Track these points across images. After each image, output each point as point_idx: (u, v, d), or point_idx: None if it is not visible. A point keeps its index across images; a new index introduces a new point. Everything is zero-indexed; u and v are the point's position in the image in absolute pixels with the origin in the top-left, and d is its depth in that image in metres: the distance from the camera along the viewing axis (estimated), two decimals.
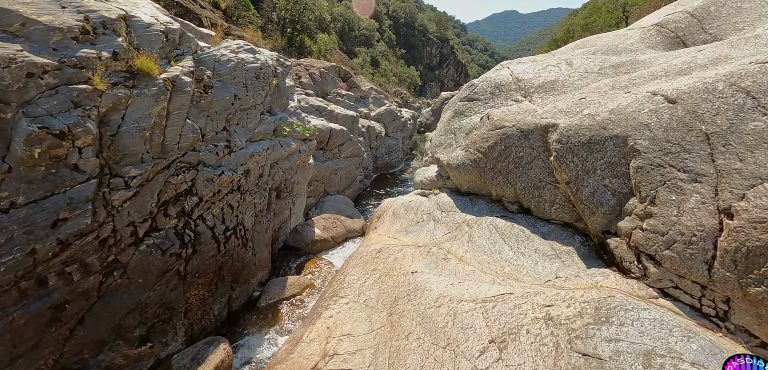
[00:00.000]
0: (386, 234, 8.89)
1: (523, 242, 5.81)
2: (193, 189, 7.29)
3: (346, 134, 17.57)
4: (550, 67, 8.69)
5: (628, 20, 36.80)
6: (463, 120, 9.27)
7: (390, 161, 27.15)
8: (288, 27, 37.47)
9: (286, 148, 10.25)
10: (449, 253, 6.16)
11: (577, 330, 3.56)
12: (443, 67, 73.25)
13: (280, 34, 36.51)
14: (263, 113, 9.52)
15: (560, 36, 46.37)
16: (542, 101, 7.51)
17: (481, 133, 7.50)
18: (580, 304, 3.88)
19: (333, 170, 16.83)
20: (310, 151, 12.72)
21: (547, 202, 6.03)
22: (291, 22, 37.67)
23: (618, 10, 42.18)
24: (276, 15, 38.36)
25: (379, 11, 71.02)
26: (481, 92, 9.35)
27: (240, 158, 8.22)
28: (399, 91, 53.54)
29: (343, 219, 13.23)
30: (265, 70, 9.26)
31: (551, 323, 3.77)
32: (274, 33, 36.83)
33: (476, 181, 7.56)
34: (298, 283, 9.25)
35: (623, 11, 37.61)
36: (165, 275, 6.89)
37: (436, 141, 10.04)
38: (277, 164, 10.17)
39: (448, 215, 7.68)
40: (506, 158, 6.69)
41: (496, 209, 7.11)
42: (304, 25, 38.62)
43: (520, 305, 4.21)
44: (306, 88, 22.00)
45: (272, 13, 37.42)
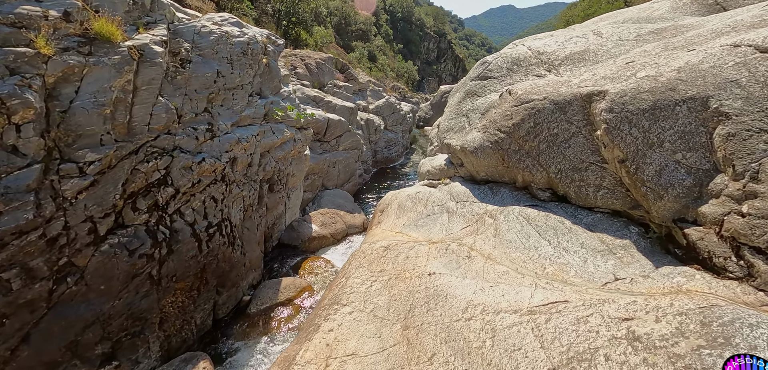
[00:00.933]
0: (392, 229, 7.81)
1: (564, 236, 4.74)
2: (167, 178, 6.18)
3: (345, 125, 16.45)
4: (574, 38, 7.61)
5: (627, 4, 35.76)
6: (476, 100, 8.18)
7: (390, 155, 26.05)
8: (283, 19, 36.21)
9: (278, 136, 9.13)
10: (473, 250, 5.08)
11: (686, 358, 2.52)
12: (441, 61, 72.02)
13: (274, 27, 35.23)
14: (252, 95, 8.40)
15: (559, 28, 45.31)
16: (574, 72, 6.44)
17: (503, 110, 6.42)
18: (673, 317, 2.83)
19: (331, 163, 15.72)
20: (306, 141, 11.61)
21: (590, 186, 4.96)
22: (286, 14, 36.40)
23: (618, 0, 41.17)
24: (271, 7, 37.05)
25: (377, 6, 69.65)
26: (496, 69, 8.26)
27: (224, 144, 7.09)
28: (397, 86, 52.39)
29: (343, 214, 12.14)
30: (253, 47, 8.13)
31: (640, 346, 2.72)
32: (269, 25, 35.54)
33: (497, 166, 6.49)
34: (293, 285, 8.17)
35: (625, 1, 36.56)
36: (134, 280, 5.78)
37: (445, 126, 8.95)
38: (269, 153, 9.06)
39: (465, 205, 6.60)
40: (536, 137, 5.62)
41: (523, 198, 6.04)
42: (300, 18, 37.36)
43: (584, 318, 3.16)
44: (302, 79, 20.85)
45: (267, 4, 36.12)
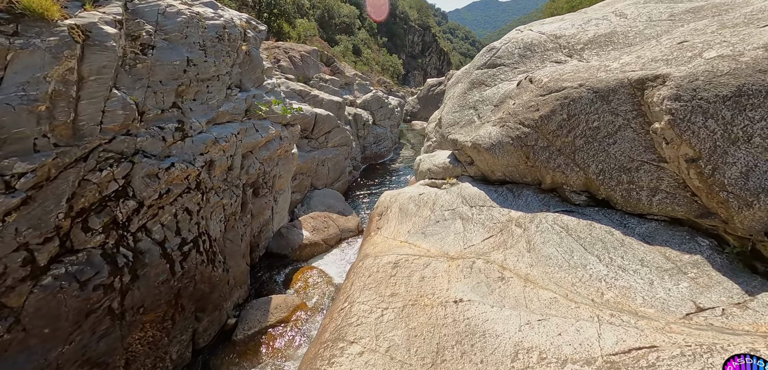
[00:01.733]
0: (395, 237, 6.87)
1: (617, 250, 3.90)
2: (128, 189, 5.05)
3: (333, 120, 15.37)
4: (593, 21, 6.78)
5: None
6: (485, 90, 7.27)
7: (379, 151, 25.06)
8: (265, 10, 34.53)
9: (263, 134, 8.03)
10: (504, 269, 4.19)
11: None
12: (426, 55, 71.06)
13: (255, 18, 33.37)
14: (231, 88, 7.27)
15: None
16: (603, 57, 5.59)
17: (525, 101, 5.53)
18: None
19: (320, 161, 14.64)
20: (294, 138, 10.52)
21: (643, 190, 4.13)
22: (268, 5, 34.73)
23: None
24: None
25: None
26: (507, 56, 7.38)
27: (198, 145, 5.98)
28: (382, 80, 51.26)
29: (335, 217, 11.13)
30: (230, 31, 7.00)
31: None
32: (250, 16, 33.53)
33: (519, 165, 5.61)
34: (285, 304, 7.14)
35: None
36: (89, 317, 4.66)
37: (449, 119, 8.03)
38: (252, 154, 7.95)
39: (482, 211, 5.70)
40: (570, 132, 4.75)
41: (553, 202, 5.19)
42: (282, 10, 35.73)
43: None
44: (286, 72, 19.58)
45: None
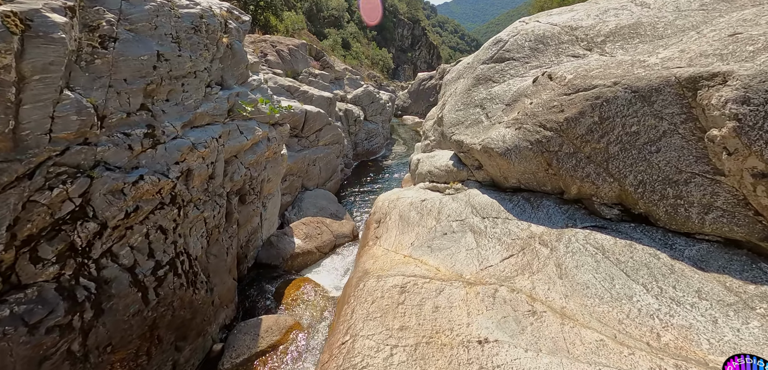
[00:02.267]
0: (397, 250, 6.21)
1: (667, 278, 3.30)
2: (87, 210, 4.25)
3: (324, 117, 14.56)
4: (612, 10, 6.17)
5: None
6: (493, 87, 6.62)
7: (371, 147, 24.33)
8: (250, 3, 33.25)
9: (248, 136, 7.24)
10: (534, 299, 3.56)
11: None
12: (415, 49, 70.13)
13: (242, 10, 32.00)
14: (210, 86, 6.45)
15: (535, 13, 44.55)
16: (630, 50, 4.98)
17: (545, 100, 4.89)
18: None
19: (311, 161, 13.85)
20: (283, 138, 9.73)
21: (693, 206, 3.53)
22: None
23: None
24: None
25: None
26: (516, 49, 6.73)
27: (173, 153, 5.18)
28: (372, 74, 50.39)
29: (329, 222, 10.39)
30: (209, 21, 6.17)
31: None
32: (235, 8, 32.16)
33: (538, 171, 4.98)
34: (277, 325, 6.42)
35: None
36: (42, 366, 3.88)
37: (452, 118, 7.37)
38: (237, 159, 7.16)
39: (497, 224, 5.07)
40: (604, 137, 4.13)
41: (579, 215, 4.58)
42: (269, 2, 34.47)
43: None
44: (273, 67, 18.64)
45: None
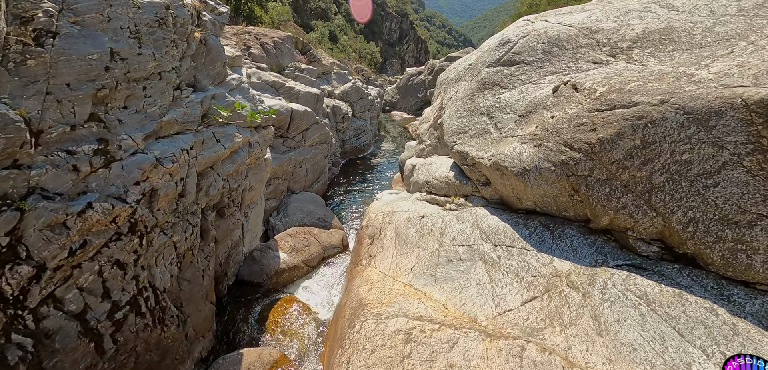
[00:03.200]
0: (395, 276, 5.48)
1: (729, 341, 2.66)
2: (18, 250, 3.35)
3: (311, 116, 13.64)
4: (633, 12, 5.51)
5: None
6: (501, 94, 5.90)
7: (359, 145, 23.49)
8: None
9: (226, 144, 6.34)
10: (572, 365, 2.88)
11: None
12: (403, 43, 68.91)
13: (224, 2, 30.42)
14: (180, 88, 5.52)
15: (523, 10, 43.99)
16: (664, 60, 4.32)
17: (571, 115, 4.19)
18: None
19: (297, 163, 12.95)
20: (267, 142, 8.82)
21: (758, 252, 2.90)
22: None
23: None
24: None
25: None
26: (527, 52, 6.01)
27: (132, 172, 4.28)
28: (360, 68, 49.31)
29: (317, 232, 9.57)
30: (177, 13, 5.22)
31: None
32: None
33: (560, 196, 4.30)
34: (260, 361, 5.59)
35: None
36: None
37: (454, 126, 6.63)
38: (213, 170, 6.26)
39: (512, 254, 4.37)
40: (646, 164, 3.46)
41: (608, 248, 3.92)
42: None
43: None
44: (257, 61, 17.55)
45: None
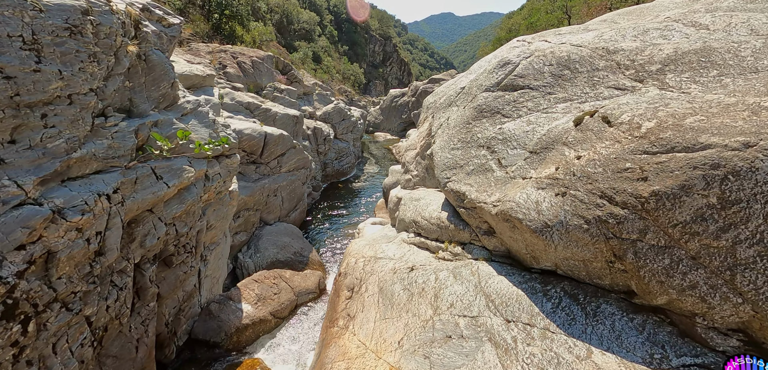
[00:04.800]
0: (378, 351, 4.31)
1: None
2: None
3: (288, 141, 12.42)
4: (653, 31, 4.65)
5: (570, 20, 35.89)
6: (504, 123, 4.89)
7: (341, 167, 22.34)
8: (215, 11, 30.53)
9: (172, 181, 5.06)
10: None
11: None
12: (387, 65, 68.80)
13: (204, 20, 29.44)
14: (105, 114, 4.27)
15: (503, 35, 44.56)
16: (711, 87, 3.38)
17: (607, 156, 3.17)
18: None
19: (271, 191, 11.64)
20: (231, 172, 7.55)
21: None
22: (218, 5, 30.74)
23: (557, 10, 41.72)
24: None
25: (320, 5, 64.54)
26: (533, 75, 5.06)
27: (13, 231, 2.95)
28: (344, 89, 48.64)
29: (289, 276, 8.24)
30: (101, 21, 4.01)
31: None
32: (197, 17, 29.73)
33: (594, 261, 3.23)
34: None
35: (566, 11, 36.59)
36: None
37: (446, 159, 5.58)
38: (154, 213, 4.96)
39: (532, 337, 3.25)
40: (727, 230, 2.43)
41: (662, 335, 2.84)
42: (235, 11, 31.88)
43: None
44: (233, 81, 16.32)
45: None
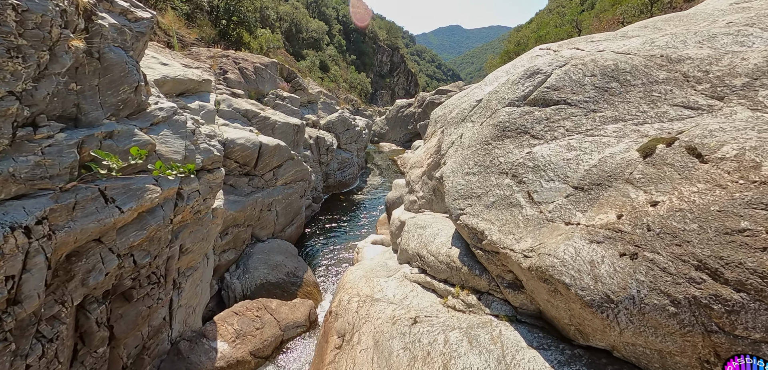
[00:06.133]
0: None
1: None
2: None
3: (285, 152, 11.51)
4: (720, 35, 3.67)
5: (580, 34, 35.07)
6: (536, 147, 3.90)
7: (343, 178, 21.41)
8: (222, 17, 30.05)
9: (127, 204, 4.13)
10: None
11: None
12: (394, 75, 68.20)
13: (211, 25, 28.93)
14: (35, 124, 3.35)
15: (511, 48, 43.78)
16: None
17: (705, 207, 2.16)
18: None
19: (265, 205, 10.70)
20: (214, 188, 6.61)
21: None
22: (225, 11, 30.27)
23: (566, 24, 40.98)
24: (207, 2, 30.70)
25: (329, 15, 64.32)
26: (571, 87, 4.07)
27: None
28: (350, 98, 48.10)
29: (275, 306, 7.23)
30: (31, 4, 3.11)
31: None
32: (203, 22, 29.20)
33: (680, 356, 2.22)
34: None
35: (576, 25, 35.75)
36: None
37: (459, 186, 4.59)
38: (103, 244, 4.03)
39: None
40: None
41: None
42: (242, 17, 31.41)
43: None
44: (233, 87, 15.53)
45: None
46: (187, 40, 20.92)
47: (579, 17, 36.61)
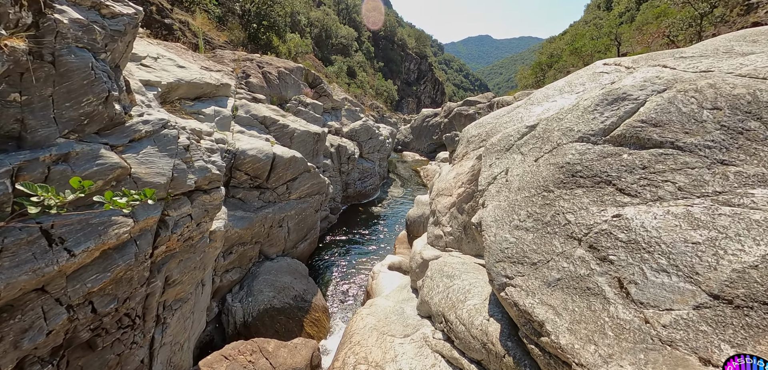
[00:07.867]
0: None
1: None
2: None
3: (301, 163, 10.61)
4: None
5: (619, 47, 32.55)
6: (628, 209, 2.66)
7: (364, 189, 20.42)
8: (253, 21, 29.99)
9: (81, 245, 3.24)
10: None
11: None
12: (421, 83, 66.96)
13: (241, 29, 28.86)
14: None
15: (544, 60, 41.59)
16: None
17: None
18: None
19: (276, 221, 9.82)
20: (212, 210, 5.73)
21: None
22: (256, 15, 30.19)
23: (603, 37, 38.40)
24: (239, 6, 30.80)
25: (359, 22, 64.12)
26: (680, 123, 2.79)
27: None
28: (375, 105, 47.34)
29: (272, 348, 6.21)
30: None
31: None
32: (234, 25, 29.17)
33: None
34: None
35: (615, 38, 33.28)
36: None
37: (504, 241, 3.41)
38: (47, 293, 3.15)
39: None
40: None
41: None
42: (272, 22, 31.23)
43: None
44: (255, 92, 14.90)
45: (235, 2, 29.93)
46: (216, 43, 20.62)
47: (618, 30, 34.11)
